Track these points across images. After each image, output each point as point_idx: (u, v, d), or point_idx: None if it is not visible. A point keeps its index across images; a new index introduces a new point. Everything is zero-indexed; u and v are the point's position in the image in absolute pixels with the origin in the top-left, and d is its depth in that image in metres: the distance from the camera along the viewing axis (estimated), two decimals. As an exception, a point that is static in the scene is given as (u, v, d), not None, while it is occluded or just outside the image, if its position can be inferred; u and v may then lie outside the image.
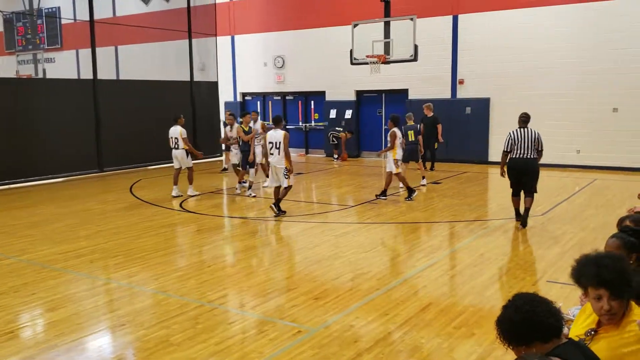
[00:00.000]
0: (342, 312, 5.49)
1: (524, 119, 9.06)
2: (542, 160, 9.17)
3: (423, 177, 13.18)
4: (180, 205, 11.22)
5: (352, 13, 17.34)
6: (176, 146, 11.98)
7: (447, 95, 17.32)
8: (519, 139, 8.88)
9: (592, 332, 2.70)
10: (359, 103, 19.23)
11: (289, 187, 9.98)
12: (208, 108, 19.15)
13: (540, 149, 8.94)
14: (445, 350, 4.62)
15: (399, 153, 11.21)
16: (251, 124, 12.39)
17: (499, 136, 16.41)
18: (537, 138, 8.91)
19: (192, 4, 18.50)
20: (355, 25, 14.99)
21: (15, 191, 13.46)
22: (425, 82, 17.50)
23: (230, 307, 5.83)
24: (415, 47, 14.01)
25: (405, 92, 18.08)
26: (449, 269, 7.10)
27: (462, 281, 6.51)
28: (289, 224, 9.68)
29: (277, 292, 6.11)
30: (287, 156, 9.72)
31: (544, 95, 15.54)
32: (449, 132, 16.22)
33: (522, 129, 8.98)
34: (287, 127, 20.91)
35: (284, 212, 10.13)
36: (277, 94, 21.16)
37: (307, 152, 20.76)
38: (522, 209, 9.06)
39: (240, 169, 12.38)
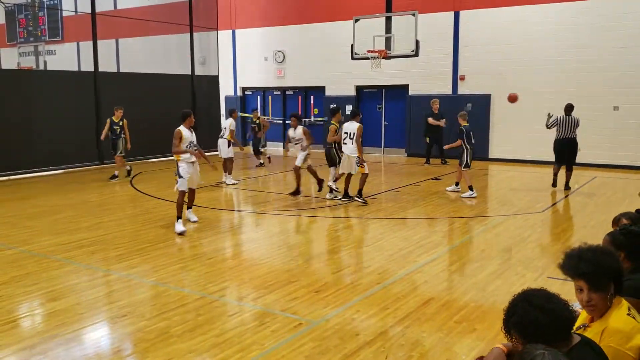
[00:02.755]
0: (342, 305, 5.50)
1: (569, 108, 11.66)
2: (543, 158, 11.09)
3: (457, 183, 11.81)
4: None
5: (353, 8, 17.31)
6: (222, 135, 13.00)
7: (447, 91, 17.30)
8: (564, 123, 11.56)
9: (583, 327, 2.76)
10: (359, 98, 19.21)
11: (365, 175, 10.51)
12: (208, 102, 19.14)
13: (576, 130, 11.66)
14: (446, 345, 4.63)
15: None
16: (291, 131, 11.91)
17: (500, 132, 16.48)
18: (578, 122, 11.62)
19: (193, -3, 18.46)
20: (356, 20, 14.97)
21: (16, 182, 13.45)
22: (426, 78, 17.48)
23: (230, 299, 5.84)
24: (417, 42, 14.01)
25: (405, 87, 18.06)
26: (449, 264, 7.11)
27: (463, 277, 6.52)
28: (290, 217, 9.68)
29: (277, 284, 6.11)
30: (358, 146, 10.32)
31: (545, 92, 15.53)
32: (449, 128, 16.22)
33: (567, 116, 11.60)
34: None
35: (366, 202, 10.46)
36: (277, 88, 21.13)
37: (307, 147, 20.72)
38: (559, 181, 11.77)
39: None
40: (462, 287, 6.10)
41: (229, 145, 12.87)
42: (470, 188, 11.10)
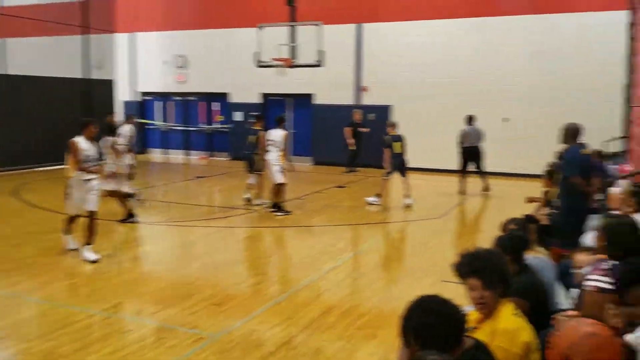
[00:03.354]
0: (244, 317, 5.36)
1: (470, 119, 12.82)
2: (439, 166, 12.56)
3: (409, 196, 11.19)
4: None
5: (257, 15, 17.20)
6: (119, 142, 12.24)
7: (351, 101, 17.62)
8: (468, 133, 12.68)
9: (472, 329, 2.84)
10: (265, 106, 19.11)
11: (281, 185, 10.17)
12: (104, 107, 18.22)
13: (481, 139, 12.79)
14: (347, 352, 4.64)
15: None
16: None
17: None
18: (481, 132, 12.83)
19: (89, -2, 17.60)
20: (260, 28, 14.89)
21: None
22: (331, 88, 17.70)
23: (126, 315, 5.54)
24: (321, 52, 14.16)
25: (311, 96, 18.20)
26: (352, 271, 7.18)
27: (365, 283, 6.59)
28: (191, 228, 9.37)
29: (176, 298, 5.86)
30: (285, 155, 10.25)
31: (442, 104, 16.20)
32: (371, 135, 16.58)
33: (470, 126, 12.75)
34: (188, 129, 20.46)
35: (290, 211, 10.18)
36: (179, 94, 20.58)
37: (210, 155, 20.30)
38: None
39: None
40: (364, 294, 6.17)
41: (127, 152, 12.27)
42: (378, 195, 11.24)
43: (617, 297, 2.79)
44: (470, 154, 12.75)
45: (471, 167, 12.89)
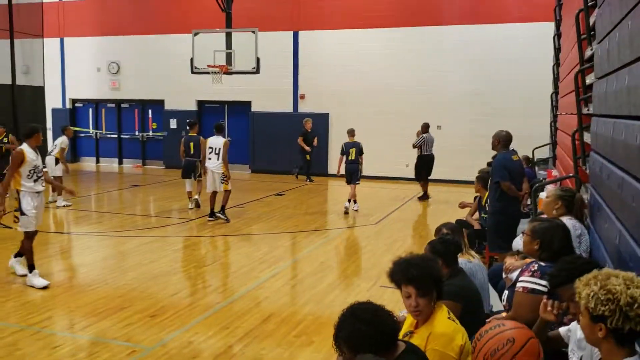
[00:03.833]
0: (180, 328, 5.26)
1: (428, 127, 13.30)
2: (375, 173, 12.61)
3: (350, 201, 11.45)
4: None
5: (192, 21, 17.01)
6: (51, 152, 11.88)
7: (289, 109, 17.65)
8: (428, 140, 13.17)
9: (409, 334, 2.91)
10: (201, 113, 18.86)
11: (228, 192, 10.13)
12: (33, 115, 17.44)
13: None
14: (286, 360, 4.63)
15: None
16: None
17: (338, 150, 17.12)
18: (434, 140, 13.38)
19: (14, 1, 16.80)
20: (195, 34, 14.70)
21: None
22: (268, 95, 17.67)
23: (56, 330, 5.30)
24: (257, 59, 14.11)
25: (248, 104, 18.11)
26: (290, 278, 7.17)
27: (302, 290, 6.59)
28: (124, 239, 9.10)
29: (109, 311, 5.68)
30: (225, 163, 10.03)
31: (378, 112, 16.46)
32: (291, 145, 16.57)
33: (427, 134, 13.24)
34: (122, 136, 19.89)
35: (228, 220, 10.09)
36: (112, 101, 19.99)
37: (144, 164, 19.80)
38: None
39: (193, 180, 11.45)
40: (301, 301, 6.17)
41: (56, 163, 11.71)
42: (349, 201, 11.32)
43: (547, 297, 2.90)
44: (428, 161, 13.22)
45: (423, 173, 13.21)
